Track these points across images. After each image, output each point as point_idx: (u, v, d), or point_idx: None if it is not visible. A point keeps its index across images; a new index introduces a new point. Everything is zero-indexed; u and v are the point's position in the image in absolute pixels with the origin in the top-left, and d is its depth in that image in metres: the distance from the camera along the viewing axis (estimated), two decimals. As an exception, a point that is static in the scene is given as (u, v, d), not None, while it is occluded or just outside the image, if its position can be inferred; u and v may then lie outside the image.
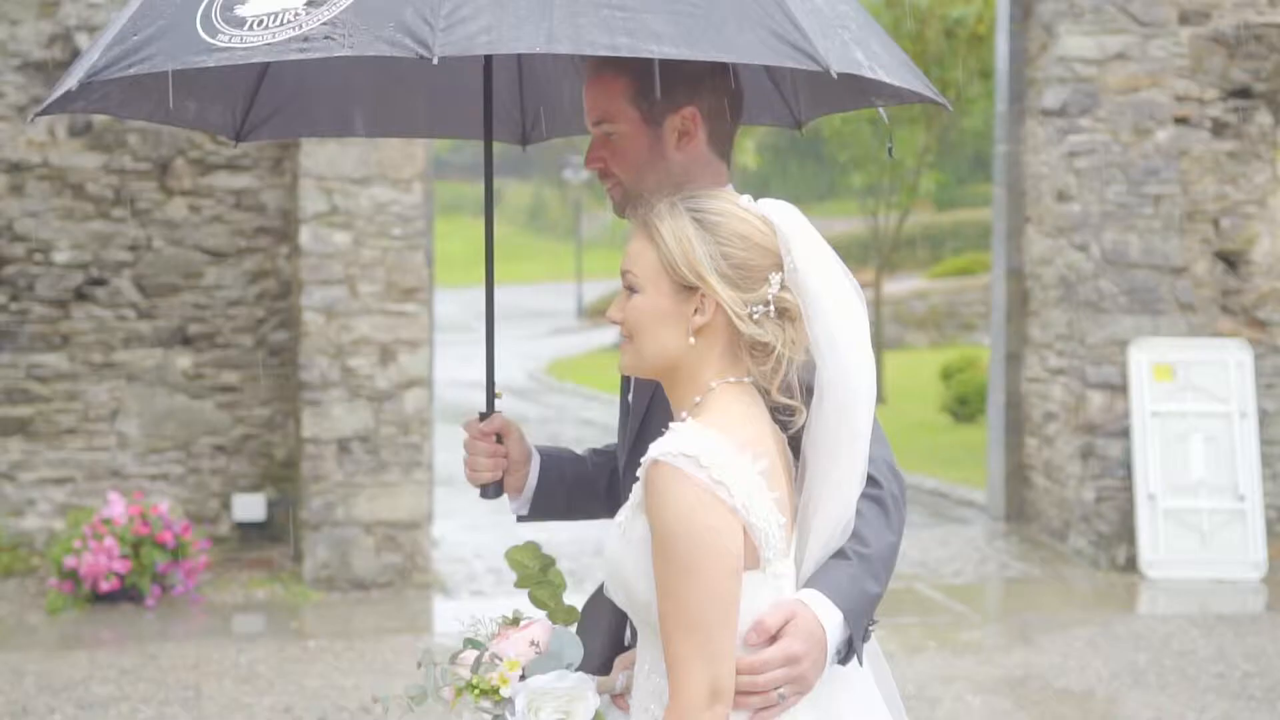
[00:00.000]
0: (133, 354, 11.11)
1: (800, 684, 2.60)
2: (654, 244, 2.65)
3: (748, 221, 2.65)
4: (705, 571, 2.51)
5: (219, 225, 11.15)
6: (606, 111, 2.99)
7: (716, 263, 2.61)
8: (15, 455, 10.99)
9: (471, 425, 3.19)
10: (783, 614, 2.60)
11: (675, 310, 2.65)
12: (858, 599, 2.67)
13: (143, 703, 7.82)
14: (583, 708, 2.70)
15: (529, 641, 2.77)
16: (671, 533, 2.52)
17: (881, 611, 9.14)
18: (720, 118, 2.98)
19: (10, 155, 10.92)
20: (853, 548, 2.69)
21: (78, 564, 9.82)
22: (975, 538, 12.19)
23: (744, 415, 2.64)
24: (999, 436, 12.42)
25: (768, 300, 2.62)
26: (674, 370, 2.68)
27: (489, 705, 2.73)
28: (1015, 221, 12.28)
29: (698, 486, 2.52)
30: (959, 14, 19.19)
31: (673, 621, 2.53)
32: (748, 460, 2.57)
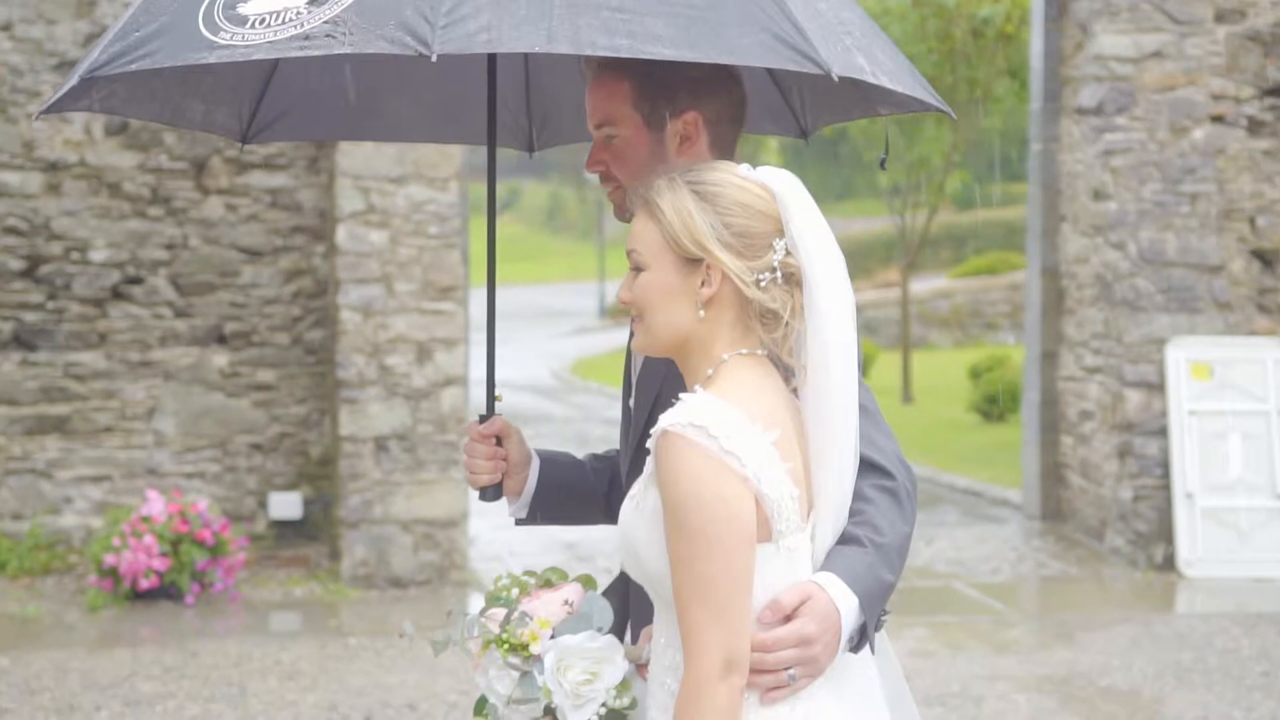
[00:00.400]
0: (169, 352, 11.13)
1: (811, 666, 2.58)
2: (655, 220, 2.65)
3: (747, 189, 2.64)
4: (717, 540, 2.50)
5: (255, 224, 11.17)
6: (608, 114, 2.99)
7: (718, 232, 2.61)
8: (52, 453, 11.02)
9: (471, 427, 3.19)
10: (799, 594, 2.59)
11: (682, 284, 2.64)
12: (873, 586, 2.65)
13: (188, 700, 7.84)
14: (611, 670, 2.69)
15: (562, 601, 2.75)
16: (682, 502, 2.51)
17: (920, 609, 9.17)
18: (723, 123, 2.97)
19: (47, 154, 10.95)
20: (868, 536, 2.68)
21: (118, 562, 9.84)
22: (1011, 536, 12.17)
23: (756, 386, 2.63)
24: (1034, 435, 12.40)
25: (774, 267, 2.62)
26: (686, 345, 2.67)
27: (517, 661, 2.71)
28: (1050, 220, 12.26)
29: (707, 455, 2.50)
30: (986, 13, 19.14)
31: (687, 592, 2.52)
32: (759, 430, 2.56)
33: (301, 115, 3.61)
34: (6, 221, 10.90)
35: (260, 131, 3.56)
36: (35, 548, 10.80)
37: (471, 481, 3.18)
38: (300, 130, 3.74)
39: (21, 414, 10.99)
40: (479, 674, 2.75)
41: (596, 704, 2.67)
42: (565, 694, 2.67)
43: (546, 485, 3.22)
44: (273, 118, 3.54)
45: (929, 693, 7.95)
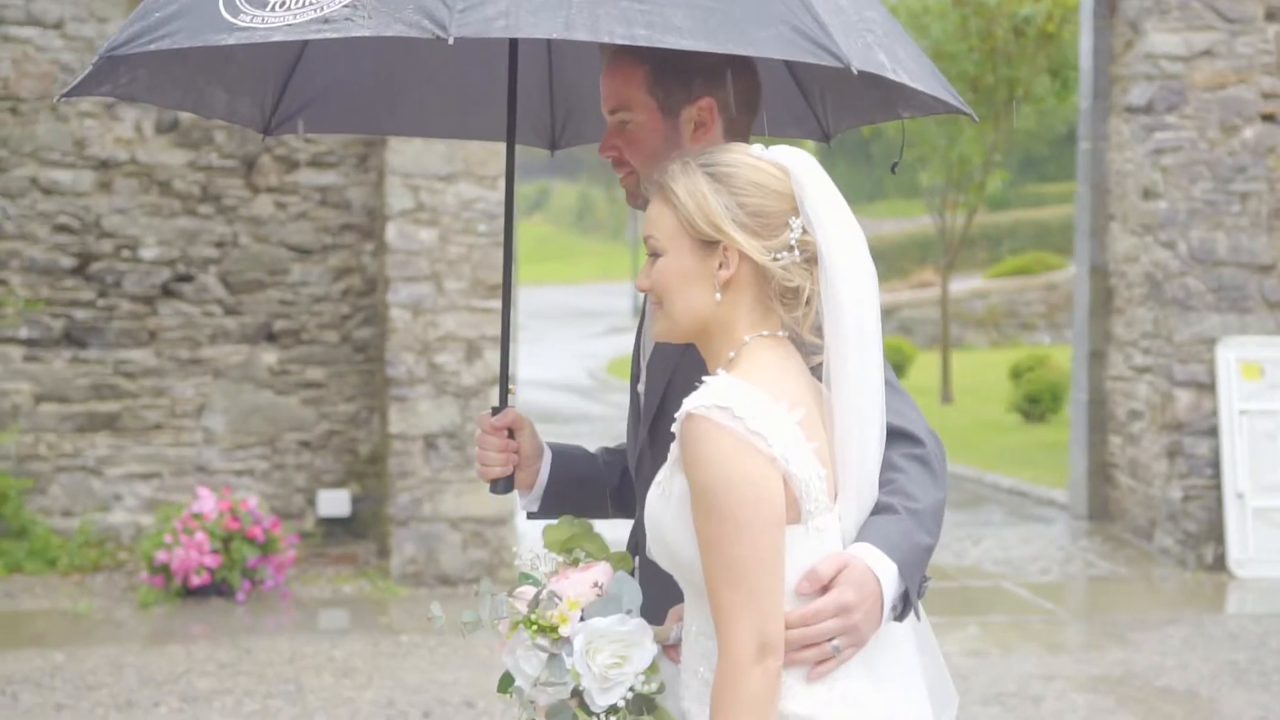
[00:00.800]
0: (219, 350, 11.16)
1: (854, 635, 2.57)
2: (670, 204, 2.63)
3: (761, 169, 2.62)
4: (747, 523, 2.48)
5: (304, 222, 11.20)
6: (623, 99, 2.98)
7: (734, 212, 2.59)
8: (102, 450, 11.06)
9: (483, 419, 3.16)
10: (836, 563, 2.57)
11: (700, 267, 2.62)
12: (911, 551, 2.63)
13: (245, 696, 7.86)
14: (641, 653, 2.66)
15: (591, 583, 2.72)
16: (710, 486, 2.49)
17: (971, 609, 9.12)
18: (738, 110, 2.96)
19: (99, 153, 10.99)
20: (902, 503, 2.66)
21: (169, 558, 9.87)
22: (1058, 536, 12.13)
23: (779, 367, 2.61)
24: (1081, 435, 12.36)
25: (791, 245, 2.60)
26: (706, 329, 2.65)
27: (546, 643, 2.68)
28: (1099, 219, 12.22)
29: (734, 437, 2.48)
30: (1028, 12, 19.09)
31: (718, 576, 2.50)
32: (783, 410, 2.54)
33: (324, 108, 3.58)
34: (58, 219, 10.95)
35: (282, 123, 3.53)
36: (85, 544, 10.84)
37: (483, 474, 3.16)
38: (322, 123, 3.68)
39: (72, 411, 11.03)
40: (506, 654, 2.73)
41: (624, 687, 2.65)
42: (594, 677, 2.65)
43: (558, 479, 3.20)
44: (295, 110, 3.53)
45: (985, 691, 7.93)
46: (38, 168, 10.94)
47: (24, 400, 10.97)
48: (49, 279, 10.96)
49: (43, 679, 8.12)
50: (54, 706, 7.66)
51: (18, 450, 10.92)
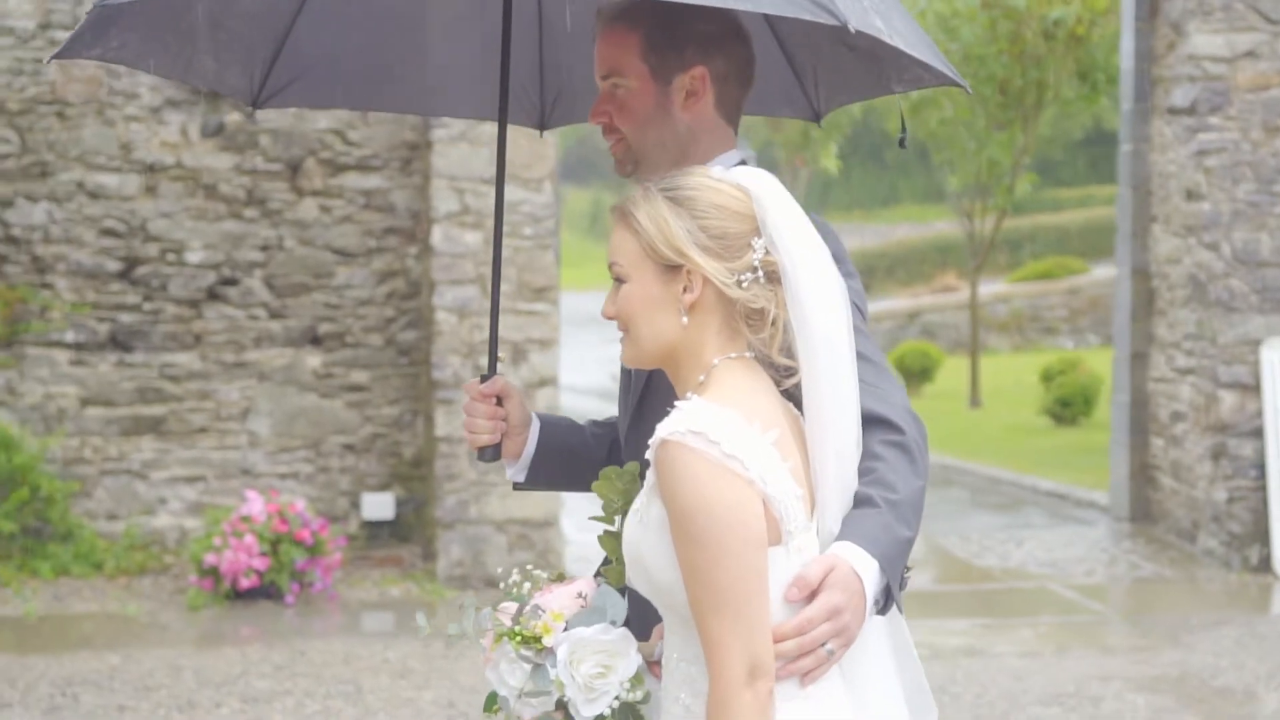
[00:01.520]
0: (264, 353, 11.19)
1: (845, 635, 2.57)
2: (632, 231, 2.63)
3: (721, 191, 2.62)
4: (729, 547, 2.47)
5: (349, 225, 11.22)
6: (615, 65, 2.97)
7: (695, 236, 2.59)
8: (148, 454, 11.09)
9: (471, 387, 3.14)
10: (822, 566, 2.56)
11: (664, 293, 2.62)
12: (891, 545, 2.62)
13: (306, 697, 7.87)
14: (625, 664, 2.66)
15: (575, 594, 2.73)
16: (689, 512, 2.47)
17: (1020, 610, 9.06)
18: (730, 81, 2.96)
19: (144, 156, 11.03)
20: (881, 494, 2.65)
21: (218, 561, 9.89)
22: (1101, 538, 12.11)
23: (749, 388, 2.60)
24: (1122, 437, 12.34)
25: (754, 266, 2.60)
26: (674, 354, 2.65)
27: (529, 654, 2.68)
28: (1140, 221, 12.21)
29: (710, 462, 2.47)
30: (1058, 14, 19.07)
31: (703, 603, 2.49)
32: (757, 431, 2.53)
33: (312, 82, 3.56)
34: (104, 223, 10.98)
35: (271, 97, 3.51)
36: (131, 548, 10.87)
37: (470, 441, 3.14)
38: (310, 98, 3.67)
39: (117, 415, 11.06)
40: (490, 668, 2.72)
41: (610, 697, 2.64)
42: (578, 687, 2.64)
43: (546, 448, 3.18)
44: (284, 83, 3.50)
45: (1044, 692, 7.93)
46: (84, 171, 10.98)
47: (70, 404, 11.00)
48: (95, 283, 10.99)
49: (101, 681, 8.14)
50: (116, 708, 7.68)
51: (63, 454, 10.95)
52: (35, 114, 10.94)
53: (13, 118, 10.92)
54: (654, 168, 2.90)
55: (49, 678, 8.19)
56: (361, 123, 11.19)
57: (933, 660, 8.59)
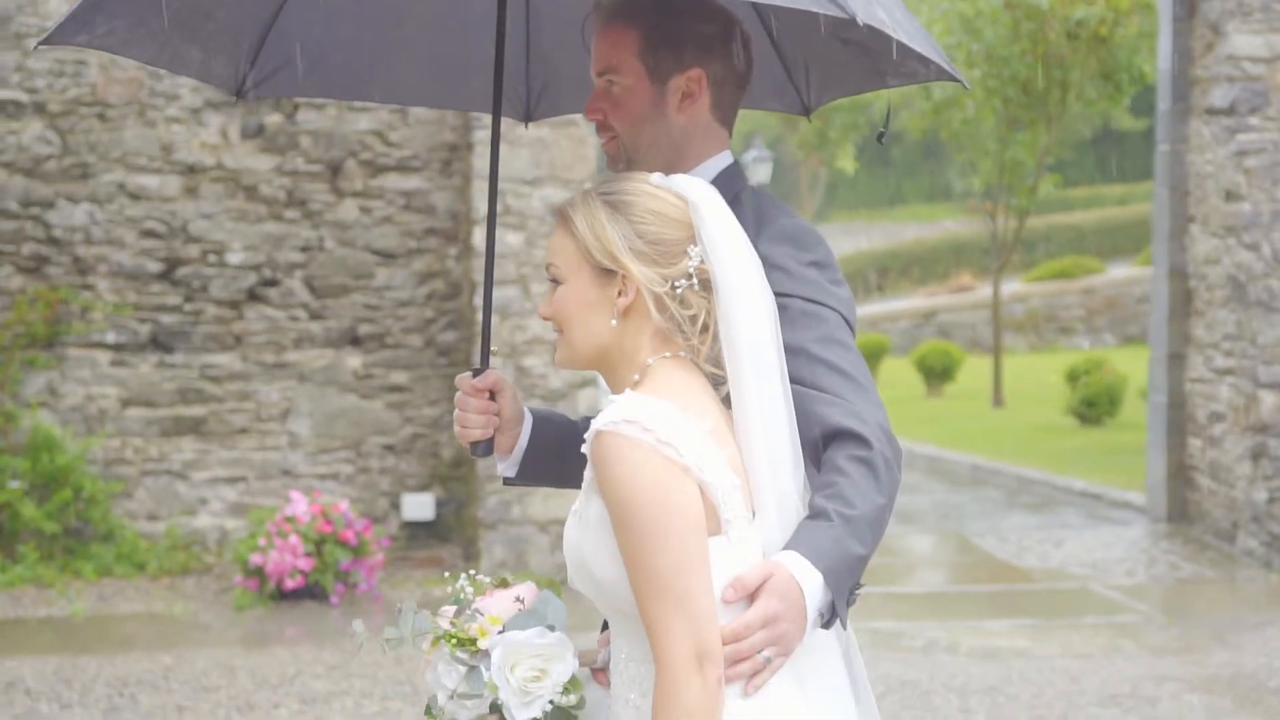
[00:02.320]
0: (304, 354, 11.20)
1: (782, 644, 2.53)
2: (570, 233, 2.65)
3: (659, 198, 2.63)
4: (668, 532, 2.46)
5: (389, 226, 11.23)
6: (612, 62, 2.94)
7: (630, 241, 2.60)
8: (188, 454, 11.10)
9: (464, 381, 3.09)
10: (761, 572, 2.53)
11: (599, 296, 2.63)
12: (840, 559, 2.57)
13: (363, 698, 7.88)
14: (561, 668, 2.63)
15: (514, 598, 2.70)
16: (626, 501, 2.47)
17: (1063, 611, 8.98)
18: (727, 85, 2.93)
19: (185, 158, 11.04)
20: (837, 509, 2.59)
21: (264, 561, 9.90)
22: (1139, 539, 12.12)
23: (683, 383, 2.61)
24: (1160, 438, 12.34)
25: (689, 273, 2.60)
26: (608, 356, 2.66)
27: (465, 656, 2.65)
28: (1177, 221, 12.21)
29: (645, 449, 2.47)
30: (1081, 15, 19.08)
31: (646, 590, 2.47)
32: (692, 420, 2.53)
33: (298, 72, 3.51)
34: (145, 224, 10.99)
35: (255, 86, 3.48)
36: (172, 548, 10.88)
37: (462, 436, 3.10)
38: (296, 87, 3.60)
39: (158, 415, 11.07)
40: (429, 671, 2.70)
41: (544, 701, 2.62)
42: (512, 690, 2.62)
43: (538, 444, 3.14)
44: (269, 73, 3.47)
45: (1100, 693, 7.94)
46: (125, 173, 10.99)
47: (111, 405, 11.01)
48: (136, 284, 11.00)
49: (157, 681, 8.15)
50: (174, 708, 7.69)
51: (104, 454, 10.96)
52: (76, 115, 10.95)
53: (54, 119, 10.94)
54: (646, 167, 2.87)
55: (104, 678, 8.20)
56: (402, 124, 11.21)
57: (985, 661, 8.60)
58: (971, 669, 8.41)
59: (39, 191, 10.91)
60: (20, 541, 10.56)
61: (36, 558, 10.45)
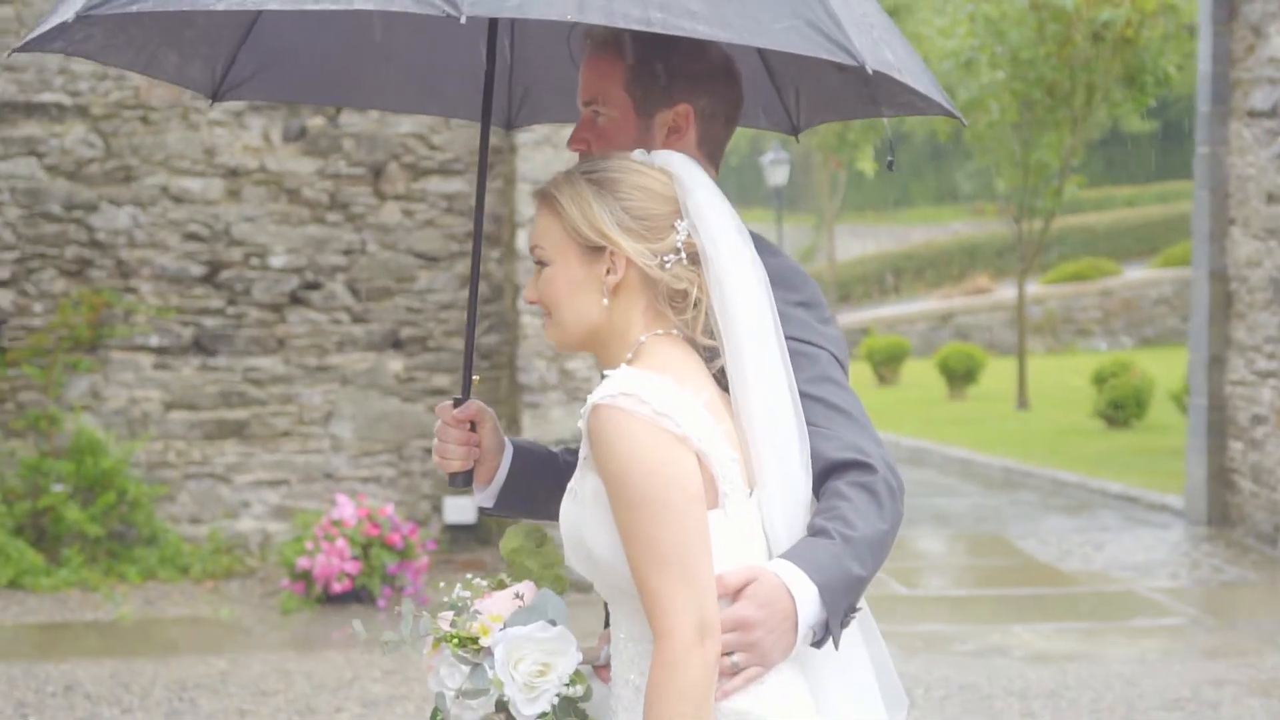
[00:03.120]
0: (346, 357, 11.19)
1: (754, 652, 2.47)
2: (555, 213, 2.61)
3: (644, 174, 2.59)
4: (668, 503, 2.42)
5: (431, 229, 11.23)
6: (599, 92, 2.87)
7: (618, 217, 2.56)
8: (231, 458, 11.09)
9: (444, 410, 3.02)
10: (744, 575, 2.48)
11: (587, 274, 2.59)
12: (837, 577, 2.51)
13: (424, 702, 7.86)
14: (564, 662, 2.58)
15: (513, 596, 2.68)
16: (624, 474, 2.43)
17: (1110, 614, 8.94)
18: (716, 120, 2.87)
19: (228, 161, 11.03)
20: (837, 528, 2.54)
21: (311, 565, 9.89)
22: (1180, 542, 12.11)
23: (678, 359, 2.57)
24: (1200, 440, 12.33)
25: (677, 248, 2.57)
26: (599, 336, 2.62)
27: (468, 655, 2.61)
28: (1218, 224, 12.20)
29: (642, 421, 2.43)
30: (1106, 17, 19.07)
31: (645, 563, 2.42)
32: (689, 393, 2.50)
33: (275, 75, 3.44)
34: (188, 227, 10.99)
35: (231, 89, 3.39)
36: (215, 551, 10.87)
37: (441, 466, 3.02)
38: (273, 90, 3.57)
39: (201, 419, 11.07)
40: (431, 676, 2.66)
41: (550, 695, 2.57)
42: (517, 686, 2.57)
43: (517, 475, 3.06)
44: (246, 75, 3.38)
45: (1160, 698, 7.93)
46: (168, 176, 10.99)
47: (154, 408, 11.01)
48: (179, 287, 11.00)
49: (215, 685, 8.14)
50: (236, 712, 7.69)
51: (147, 458, 10.96)
52: (120, 118, 10.95)
53: (97, 122, 10.94)
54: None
55: (161, 682, 8.20)
56: (444, 127, 11.20)
57: (1040, 664, 8.59)
58: (1029, 673, 8.39)
59: (82, 195, 10.91)
60: (64, 545, 10.56)
61: (81, 561, 10.45)
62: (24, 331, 10.85)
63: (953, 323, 31.03)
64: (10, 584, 10.21)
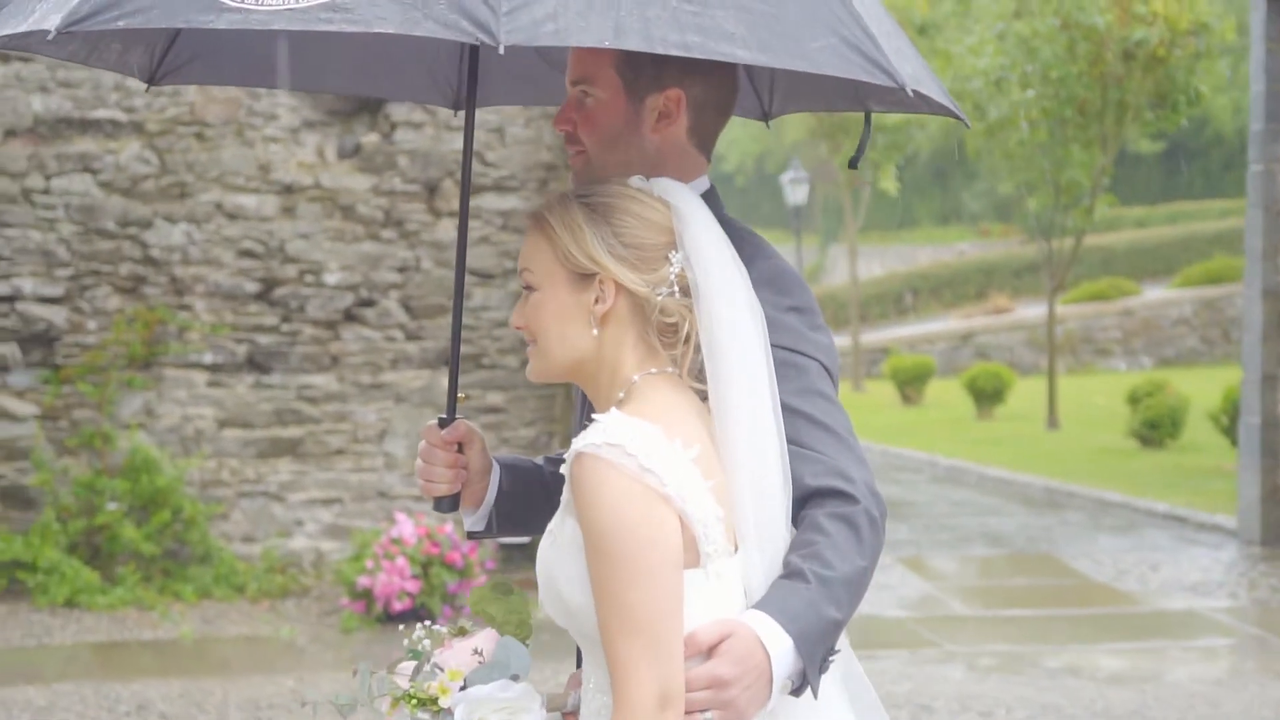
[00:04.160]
0: (400, 375, 11.14)
1: (730, 710, 2.39)
2: (545, 237, 2.52)
3: (640, 201, 2.51)
4: (643, 565, 2.33)
5: (485, 246, 11.18)
6: (587, 72, 2.76)
7: (610, 244, 2.47)
8: (285, 476, 11.03)
9: (431, 432, 2.90)
10: (719, 631, 2.40)
11: (576, 302, 2.50)
12: (813, 624, 2.43)
13: None
14: (528, 719, 2.52)
15: (472, 650, 2.58)
16: (602, 528, 2.34)
17: (1177, 634, 8.90)
18: (708, 109, 2.77)
19: (282, 177, 10.99)
20: (813, 569, 2.45)
21: (371, 584, 9.83)
22: (1235, 562, 12.04)
23: (672, 404, 2.46)
24: (1253, 460, 12.28)
25: (670, 280, 2.48)
26: (586, 368, 2.53)
27: (427, 716, 2.52)
28: (1271, 241, 12.16)
29: (625, 475, 2.33)
30: (1139, 36, 19.07)
31: (614, 624, 2.34)
32: (678, 447, 2.38)
33: (216, 59, 3.34)
34: (242, 244, 10.94)
35: (169, 73, 3.28)
36: (269, 570, 10.81)
37: (426, 490, 2.90)
38: (213, 75, 3.43)
39: (255, 437, 11.01)
40: None
41: None
42: None
43: (505, 494, 2.96)
44: (184, 60, 3.28)
45: (1247, 717, 7.86)
46: (222, 192, 10.94)
47: (207, 425, 10.95)
48: (233, 304, 10.95)
49: (289, 704, 8.08)
50: (315, 732, 7.61)
51: (200, 476, 10.90)
52: (174, 135, 10.91)
53: (152, 138, 10.90)
54: None
55: (233, 701, 8.13)
56: (499, 144, 11.17)
57: (1115, 685, 8.53)
58: (1108, 694, 8.33)
59: (137, 211, 10.87)
60: (118, 563, 10.50)
61: (136, 580, 10.38)
62: (78, 349, 10.80)
63: (973, 342, 31.00)
64: (67, 602, 10.14)
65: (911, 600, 10.83)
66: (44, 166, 10.78)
